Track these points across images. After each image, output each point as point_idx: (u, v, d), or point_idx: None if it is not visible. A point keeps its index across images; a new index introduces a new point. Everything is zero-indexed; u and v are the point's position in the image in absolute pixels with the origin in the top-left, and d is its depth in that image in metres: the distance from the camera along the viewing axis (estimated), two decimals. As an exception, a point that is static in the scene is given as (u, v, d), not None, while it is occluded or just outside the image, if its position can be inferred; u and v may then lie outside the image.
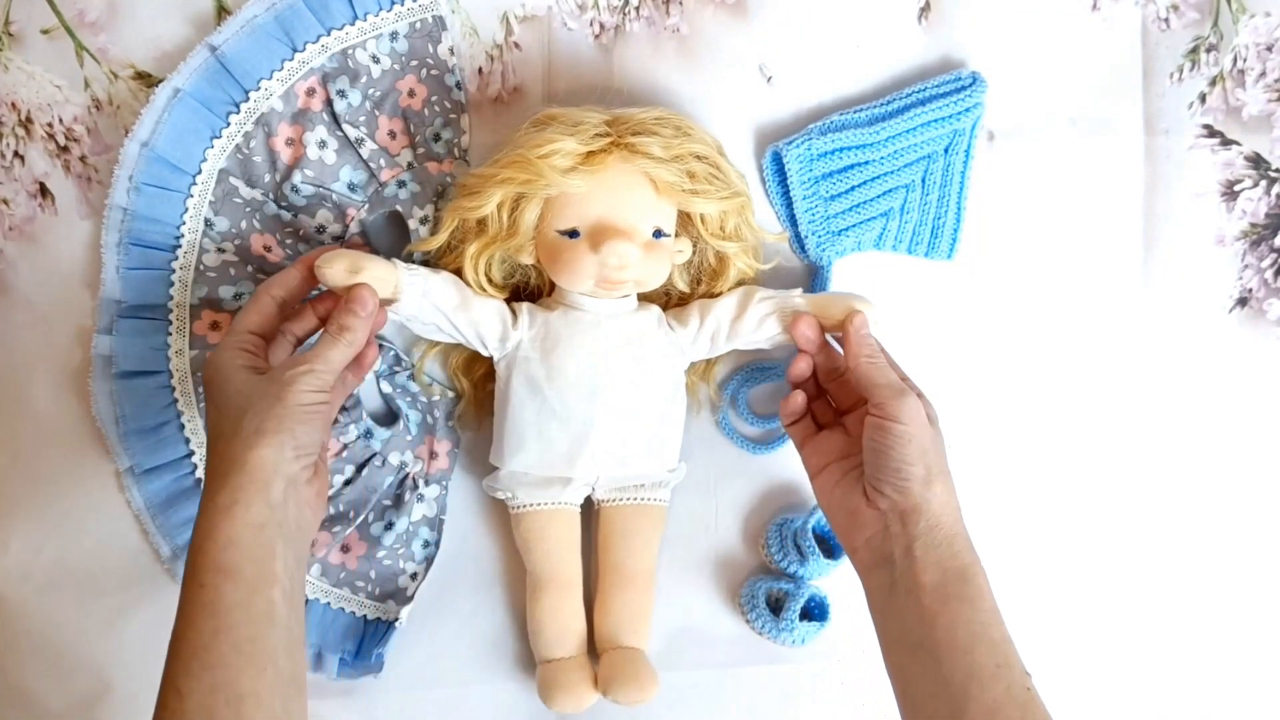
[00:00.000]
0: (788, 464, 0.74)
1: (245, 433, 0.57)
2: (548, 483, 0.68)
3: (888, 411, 0.61)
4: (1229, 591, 0.75)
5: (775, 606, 0.72)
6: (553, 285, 0.69)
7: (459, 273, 0.68)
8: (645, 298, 0.71)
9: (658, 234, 0.66)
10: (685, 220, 0.68)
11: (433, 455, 0.73)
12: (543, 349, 0.67)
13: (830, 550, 0.73)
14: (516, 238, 0.66)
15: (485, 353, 0.68)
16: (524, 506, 0.69)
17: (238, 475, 0.56)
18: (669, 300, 0.72)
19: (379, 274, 0.63)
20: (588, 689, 0.68)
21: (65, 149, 0.72)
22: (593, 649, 0.70)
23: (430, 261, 0.70)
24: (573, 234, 0.65)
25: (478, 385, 0.72)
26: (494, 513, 0.73)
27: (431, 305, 0.65)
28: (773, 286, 0.74)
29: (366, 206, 0.72)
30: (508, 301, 0.69)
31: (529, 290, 0.72)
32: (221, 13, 0.71)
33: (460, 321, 0.67)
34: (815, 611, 0.73)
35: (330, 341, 0.61)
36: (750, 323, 0.68)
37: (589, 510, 0.71)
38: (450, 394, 0.73)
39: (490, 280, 0.68)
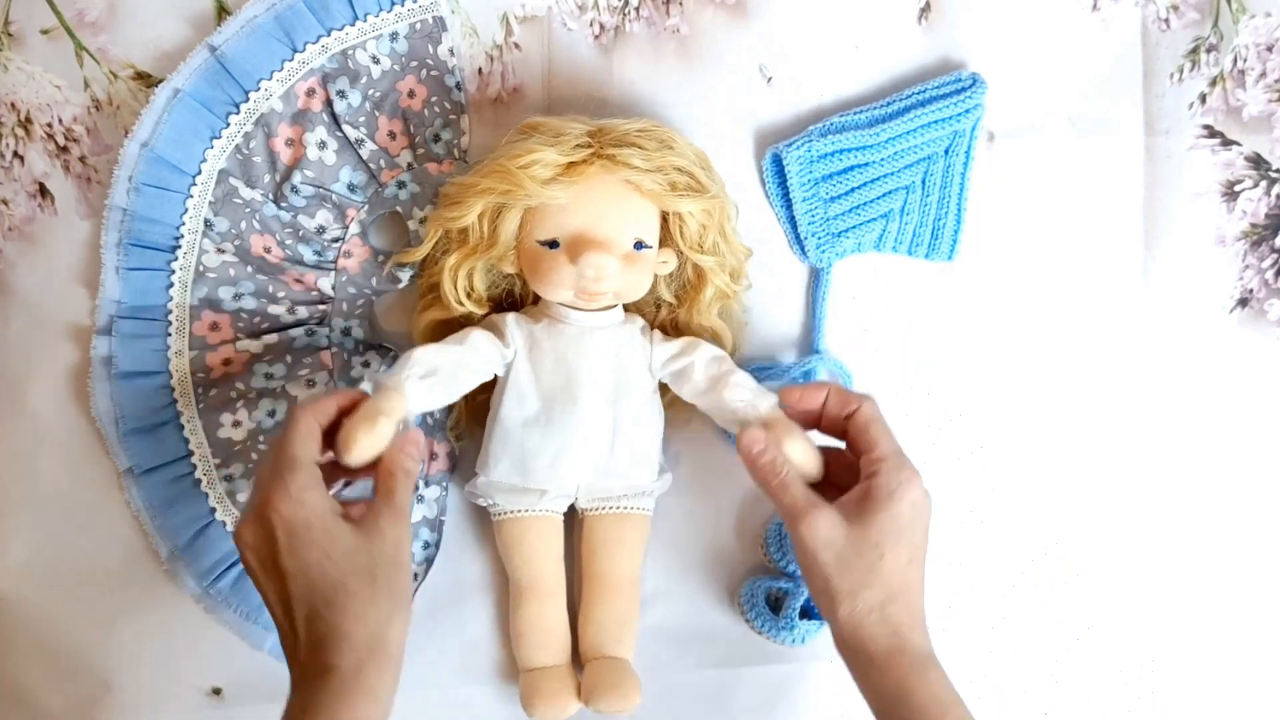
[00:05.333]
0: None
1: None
2: (525, 491, 0.68)
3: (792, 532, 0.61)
4: (1230, 591, 0.75)
5: (775, 605, 0.72)
6: (536, 294, 0.69)
7: (439, 285, 0.68)
8: (633, 308, 0.71)
9: (639, 245, 0.66)
10: (666, 232, 0.68)
11: (432, 456, 0.73)
12: (530, 361, 0.67)
13: None
14: (497, 247, 0.66)
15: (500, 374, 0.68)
16: (504, 514, 0.69)
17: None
18: (658, 311, 0.71)
19: (392, 416, 0.60)
20: (569, 698, 0.68)
21: (65, 149, 0.72)
22: (577, 659, 0.70)
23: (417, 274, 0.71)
24: (553, 244, 0.65)
25: (469, 396, 0.72)
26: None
27: (439, 383, 0.64)
28: (771, 290, 0.74)
29: (366, 207, 0.72)
30: (490, 314, 0.70)
31: (513, 300, 0.72)
32: (221, 13, 0.71)
33: (471, 370, 0.66)
34: (815, 610, 0.73)
35: (404, 484, 0.59)
36: (713, 400, 0.66)
37: (573, 518, 0.71)
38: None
39: (472, 291, 0.68)
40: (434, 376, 0.63)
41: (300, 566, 0.55)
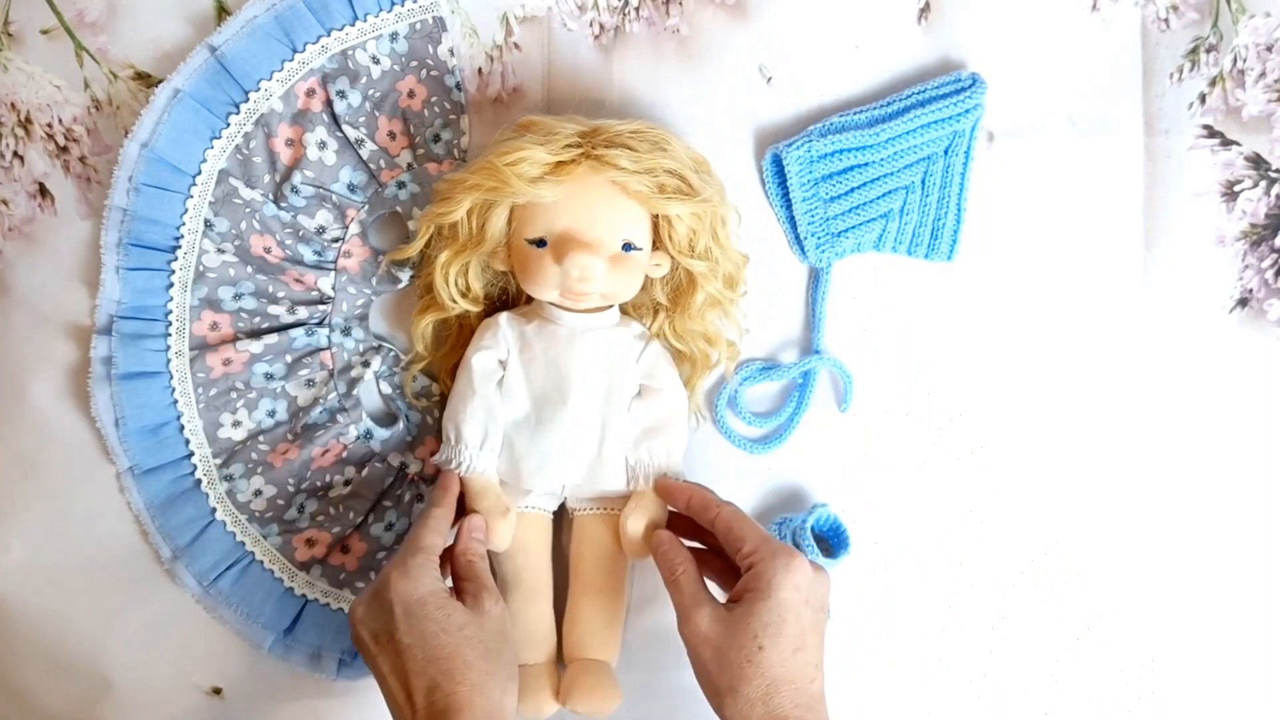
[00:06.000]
0: (786, 464, 0.74)
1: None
2: (513, 488, 0.68)
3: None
4: (1230, 591, 0.75)
5: None
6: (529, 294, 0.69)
7: (432, 284, 0.68)
8: (629, 310, 0.70)
9: (628, 247, 0.66)
10: (658, 236, 0.68)
11: (433, 455, 0.73)
12: (520, 361, 0.67)
13: (829, 550, 0.73)
14: (485, 244, 0.66)
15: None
16: None
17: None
18: (655, 314, 0.71)
19: (505, 503, 0.67)
20: (547, 697, 0.67)
21: (65, 149, 0.72)
22: (562, 659, 0.70)
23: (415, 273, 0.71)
24: (540, 243, 0.65)
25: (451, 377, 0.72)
26: (494, 513, 0.73)
27: (493, 434, 0.67)
28: (771, 290, 0.74)
29: (366, 207, 0.72)
30: (485, 311, 0.70)
31: (508, 300, 0.72)
32: (221, 13, 0.71)
33: (497, 396, 0.67)
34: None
35: (483, 567, 0.65)
36: (636, 438, 0.68)
37: (563, 518, 0.71)
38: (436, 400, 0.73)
39: (468, 290, 0.68)
40: (488, 437, 0.67)
41: (418, 639, 0.59)
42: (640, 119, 0.67)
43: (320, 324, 0.72)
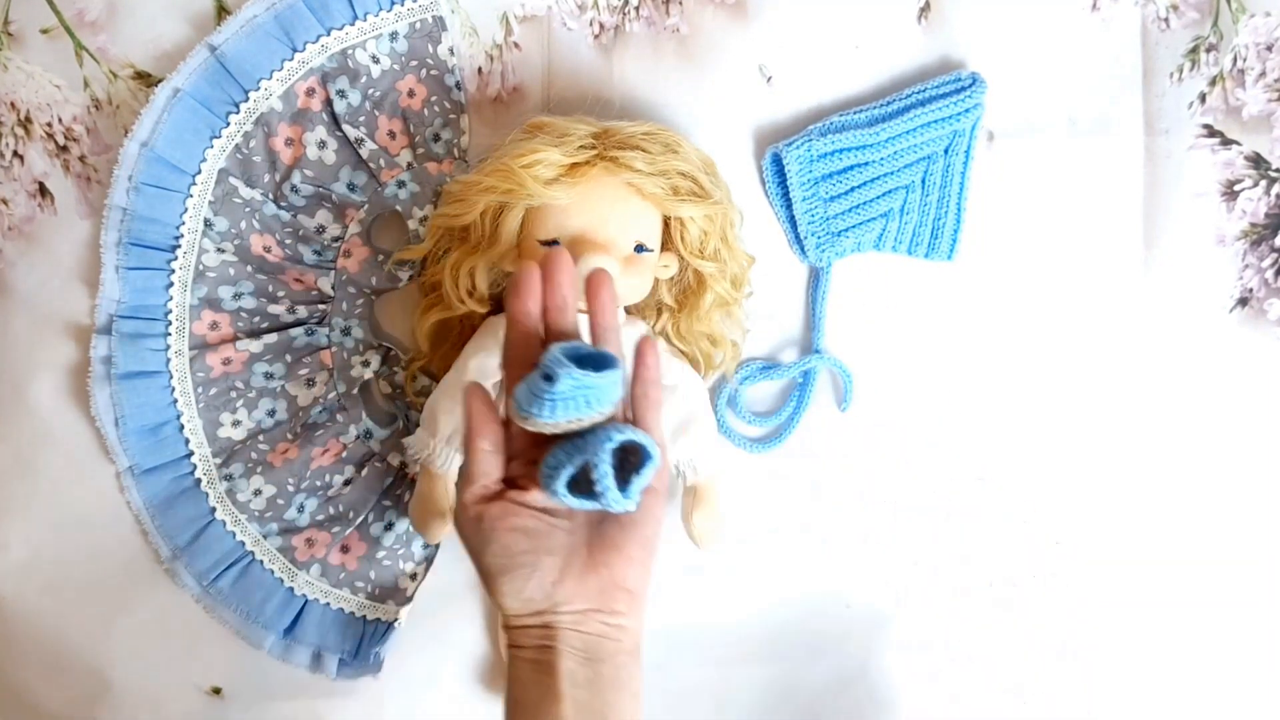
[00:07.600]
0: (786, 464, 0.74)
1: None
2: None
3: None
4: (1229, 591, 0.75)
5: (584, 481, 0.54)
6: None
7: (441, 284, 0.68)
8: (635, 311, 0.70)
9: (640, 249, 0.66)
10: (667, 236, 0.68)
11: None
12: None
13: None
14: (498, 246, 0.66)
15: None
16: None
17: None
18: (659, 315, 0.71)
19: (446, 503, 0.67)
20: None
21: (65, 149, 0.72)
22: None
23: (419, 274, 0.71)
24: (553, 244, 0.65)
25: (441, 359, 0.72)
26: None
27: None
28: (771, 289, 0.74)
29: (366, 207, 0.72)
30: (490, 313, 0.70)
31: None
32: (221, 13, 0.71)
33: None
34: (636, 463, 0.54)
35: None
36: (669, 429, 0.68)
37: None
38: None
39: (474, 290, 0.68)
40: (457, 434, 0.66)
41: None
42: (646, 119, 0.67)
43: (320, 324, 0.72)
